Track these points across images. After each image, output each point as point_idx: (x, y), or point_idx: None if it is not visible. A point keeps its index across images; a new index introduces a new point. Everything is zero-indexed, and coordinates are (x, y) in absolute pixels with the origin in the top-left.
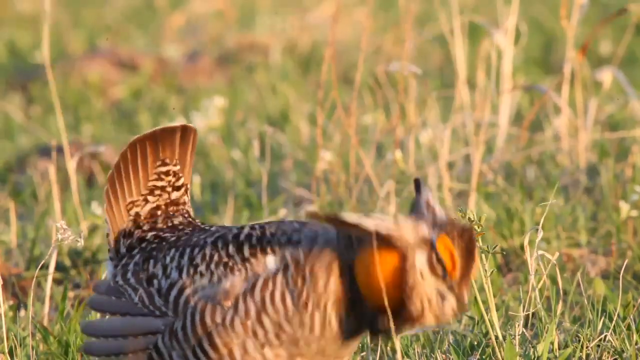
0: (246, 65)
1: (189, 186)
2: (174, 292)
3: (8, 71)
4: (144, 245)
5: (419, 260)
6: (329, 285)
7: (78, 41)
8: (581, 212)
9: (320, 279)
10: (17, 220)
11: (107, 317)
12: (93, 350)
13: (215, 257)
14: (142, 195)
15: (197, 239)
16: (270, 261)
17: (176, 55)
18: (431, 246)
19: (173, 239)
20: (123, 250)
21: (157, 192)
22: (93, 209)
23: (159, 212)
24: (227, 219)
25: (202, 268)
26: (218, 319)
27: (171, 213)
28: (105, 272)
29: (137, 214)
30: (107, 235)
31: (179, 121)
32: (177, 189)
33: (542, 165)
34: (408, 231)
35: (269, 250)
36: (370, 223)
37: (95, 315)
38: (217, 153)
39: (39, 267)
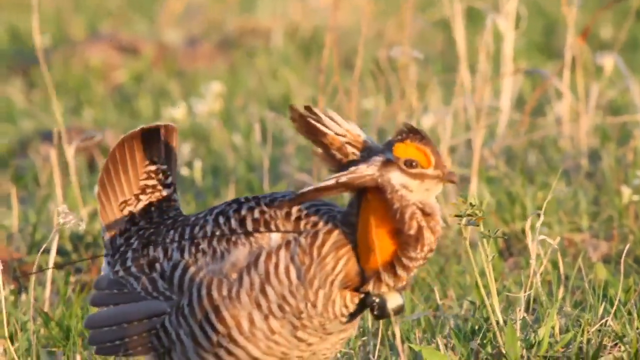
0: (247, 50)
1: (176, 186)
2: (177, 273)
3: (9, 56)
4: (141, 232)
5: (395, 179)
6: (337, 266)
7: (80, 26)
8: (583, 196)
9: (329, 259)
10: (18, 205)
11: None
12: (98, 340)
13: (217, 233)
14: (134, 194)
15: (195, 218)
16: (275, 237)
17: (177, 40)
18: (395, 160)
19: (170, 221)
20: (119, 242)
21: (149, 190)
22: (94, 193)
23: (152, 209)
24: None
25: (204, 246)
26: (224, 292)
27: (165, 208)
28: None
29: (131, 212)
30: (103, 237)
31: (163, 120)
32: (167, 186)
33: (544, 149)
34: (365, 168)
35: (272, 226)
36: (330, 181)
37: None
38: (219, 138)
39: (40, 251)
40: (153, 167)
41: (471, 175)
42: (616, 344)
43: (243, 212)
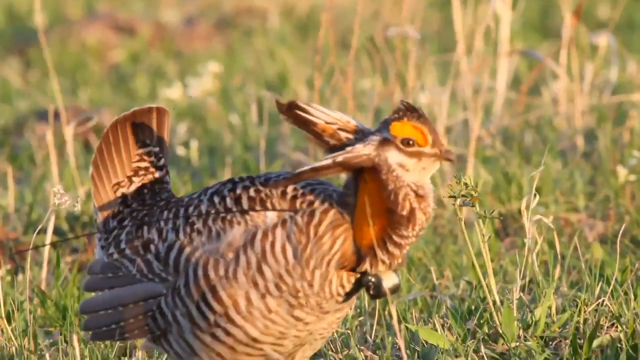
0: (244, 30)
1: (168, 168)
2: (173, 254)
3: (6, 36)
4: (134, 214)
5: (392, 158)
6: (334, 246)
7: (76, 5)
8: (579, 176)
9: (326, 239)
10: (14, 185)
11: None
12: (93, 325)
13: (212, 212)
14: (127, 176)
15: (189, 198)
16: (270, 216)
17: (174, 19)
18: (392, 139)
19: (163, 203)
20: (112, 224)
21: (141, 172)
22: (89, 173)
23: (145, 191)
24: None
25: (199, 225)
26: (221, 272)
27: (157, 190)
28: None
29: (124, 194)
30: (95, 219)
31: (158, 102)
32: (160, 169)
33: (540, 129)
34: (362, 148)
35: (269, 205)
36: (327, 160)
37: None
38: (215, 118)
39: (37, 231)
40: (145, 150)
41: (468, 155)
42: (613, 324)
43: (238, 190)
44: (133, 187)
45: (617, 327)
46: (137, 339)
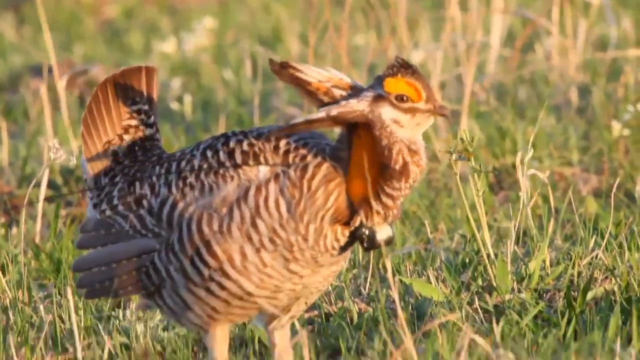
0: None
1: (159, 125)
2: (166, 209)
3: None
4: (125, 170)
5: (386, 114)
6: (328, 200)
7: None
8: (573, 131)
9: (319, 193)
10: (8, 139)
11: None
12: (86, 283)
13: (205, 167)
14: (118, 134)
15: (181, 153)
16: (263, 170)
17: None
18: (386, 95)
19: (154, 158)
20: (104, 182)
21: (132, 130)
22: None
23: (136, 148)
24: None
25: (191, 179)
26: (215, 227)
27: (148, 147)
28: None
29: (115, 152)
30: (86, 179)
31: (147, 61)
32: (150, 126)
33: (534, 85)
34: (355, 103)
35: (261, 159)
36: (321, 113)
37: None
38: (209, 73)
39: (31, 185)
40: (135, 108)
41: (462, 110)
42: (607, 277)
43: (231, 144)
44: (124, 145)
45: (610, 279)
46: (130, 295)
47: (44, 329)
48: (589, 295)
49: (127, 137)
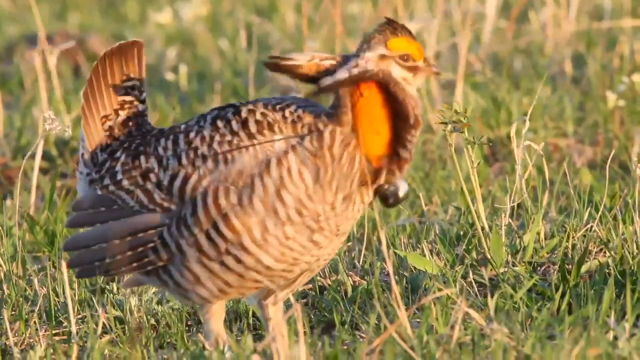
0: None
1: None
2: (177, 182)
3: None
4: (126, 144)
5: (395, 72)
6: (353, 164)
7: None
8: (568, 102)
9: (344, 159)
10: (3, 109)
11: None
12: (80, 261)
13: (217, 137)
14: (114, 109)
15: (186, 126)
16: (279, 142)
17: None
18: (390, 55)
19: (155, 132)
20: (102, 158)
21: (127, 105)
22: (80, 98)
23: (130, 123)
24: None
25: (203, 150)
26: (234, 200)
27: (140, 123)
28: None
29: (111, 127)
30: (82, 154)
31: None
32: (142, 102)
33: (530, 55)
34: (364, 63)
35: (276, 129)
36: (341, 74)
37: None
38: (204, 43)
39: (26, 156)
40: (130, 83)
41: (457, 80)
42: (601, 250)
43: (244, 114)
44: (119, 120)
45: (605, 252)
46: (127, 273)
47: (38, 303)
48: (583, 268)
49: (122, 113)
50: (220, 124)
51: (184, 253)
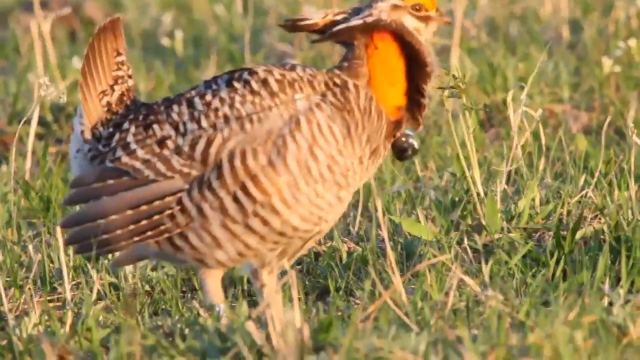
0: None
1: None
2: (200, 147)
3: None
4: (132, 116)
5: (408, 22)
6: (381, 116)
7: None
8: (564, 67)
9: (373, 112)
10: None
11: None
12: (76, 238)
13: (238, 98)
14: (110, 84)
15: (195, 91)
16: (301, 100)
17: None
18: (403, 6)
19: (161, 101)
20: (106, 132)
21: (120, 81)
22: (74, 64)
23: (124, 98)
24: (209, 73)
25: (225, 111)
26: (263, 161)
27: (133, 97)
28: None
29: (109, 103)
30: (82, 131)
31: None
32: (130, 77)
33: (525, 20)
34: (377, 13)
35: (297, 87)
36: (355, 21)
37: None
38: (200, 8)
39: (21, 122)
40: (120, 59)
41: (452, 45)
42: (596, 216)
43: (261, 74)
44: (115, 95)
45: (600, 218)
46: (124, 249)
47: (32, 269)
48: (578, 234)
49: (117, 88)
50: (237, 85)
51: (205, 217)
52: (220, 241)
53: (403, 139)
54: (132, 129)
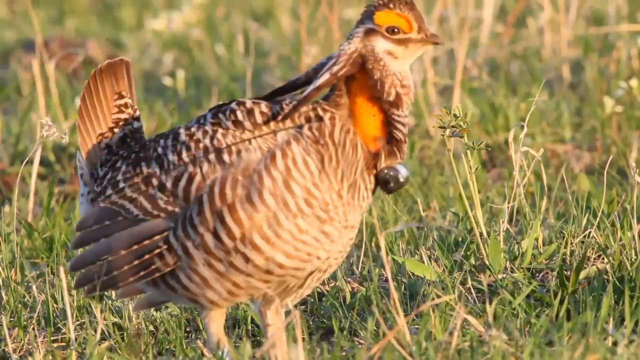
0: None
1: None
2: (182, 183)
3: None
4: (125, 155)
5: (379, 46)
6: (357, 150)
7: None
8: (565, 107)
9: (348, 146)
10: (1, 115)
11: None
12: (83, 281)
13: (220, 131)
14: (109, 127)
15: (183, 127)
16: (281, 133)
17: None
18: (377, 29)
19: (152, 138)
20: (101, 172)
21: (121, 123)
22: (76, 104)
23: (128, 140)
24: None
25: (206, 142)
26: (240, 191)
27: (139, 138)
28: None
29: (108, 145)
30: (82, 175)
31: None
32: (137, 119)
33: (527, 60)
34: (347, 45)
35: (279, 118)
36: (326, 75)
37: None
38: (201, 48)
39: (24, 162)
40: (122, 101)
41: (454, 86)
42: (600, 256)
43: (248, 105)
44: (116, 138)
45: (603, 258)
46: (138, 282)
47: (36, 309)
48: (582, 274)
49: (117, 131)
50: (222, 117)
51: (191, 256)
52: (208, 280)
53: (385, 170)
54: (123, 168)
